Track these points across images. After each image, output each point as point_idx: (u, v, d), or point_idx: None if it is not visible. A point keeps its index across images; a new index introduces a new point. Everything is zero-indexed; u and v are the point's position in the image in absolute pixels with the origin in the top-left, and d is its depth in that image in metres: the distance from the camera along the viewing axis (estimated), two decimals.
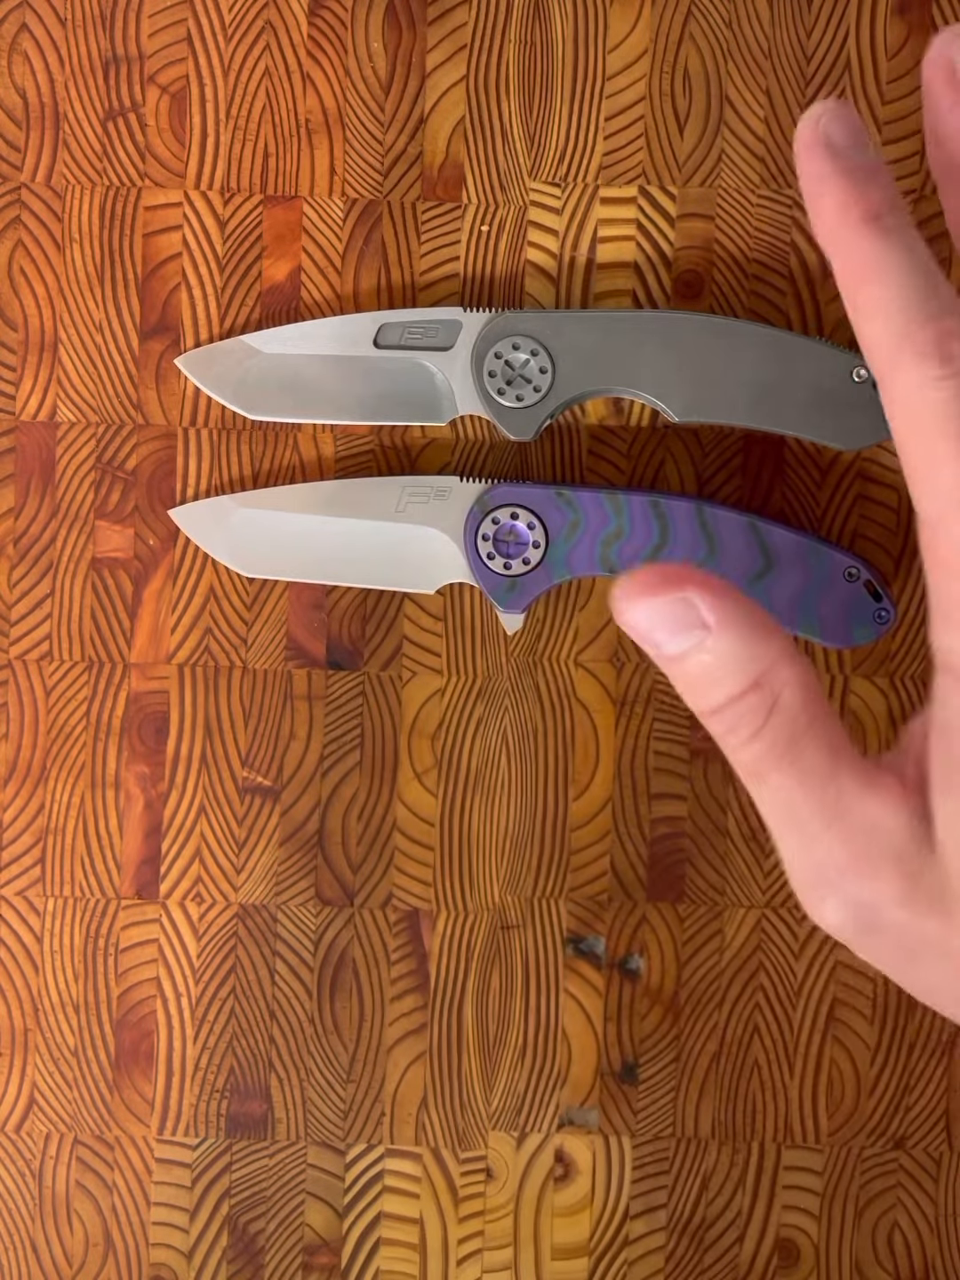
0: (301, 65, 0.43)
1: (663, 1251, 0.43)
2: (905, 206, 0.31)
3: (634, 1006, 0.43)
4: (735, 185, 0.43)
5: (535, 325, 0.41)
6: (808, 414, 0.41)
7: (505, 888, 0.43)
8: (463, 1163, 0.43)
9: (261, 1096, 0.43)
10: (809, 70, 0.42)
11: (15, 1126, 0.43)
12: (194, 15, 0.42)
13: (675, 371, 0.41)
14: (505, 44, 0.42)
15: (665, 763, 0.43)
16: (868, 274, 0.30)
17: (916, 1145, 0.43)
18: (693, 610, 0.30)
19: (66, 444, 0.43)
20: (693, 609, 0.30)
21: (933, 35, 0.42)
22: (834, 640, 0.41)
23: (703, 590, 0.30)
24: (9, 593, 0.43)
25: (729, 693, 0.30)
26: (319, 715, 0.43)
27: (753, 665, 0.30)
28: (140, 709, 0.43)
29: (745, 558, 0.41)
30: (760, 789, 0.30)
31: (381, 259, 0.43)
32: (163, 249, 0.43)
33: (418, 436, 0.43)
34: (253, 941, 0.43)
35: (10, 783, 0.43)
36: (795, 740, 0.30)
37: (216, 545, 0.42)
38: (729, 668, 0.30)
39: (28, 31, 0.43)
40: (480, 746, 0.43)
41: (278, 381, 0.42)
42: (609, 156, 0.42)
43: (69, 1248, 0.43)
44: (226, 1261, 0.43)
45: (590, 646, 0.43)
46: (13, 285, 0.43)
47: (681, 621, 0.30)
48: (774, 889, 0.43)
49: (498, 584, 0.41)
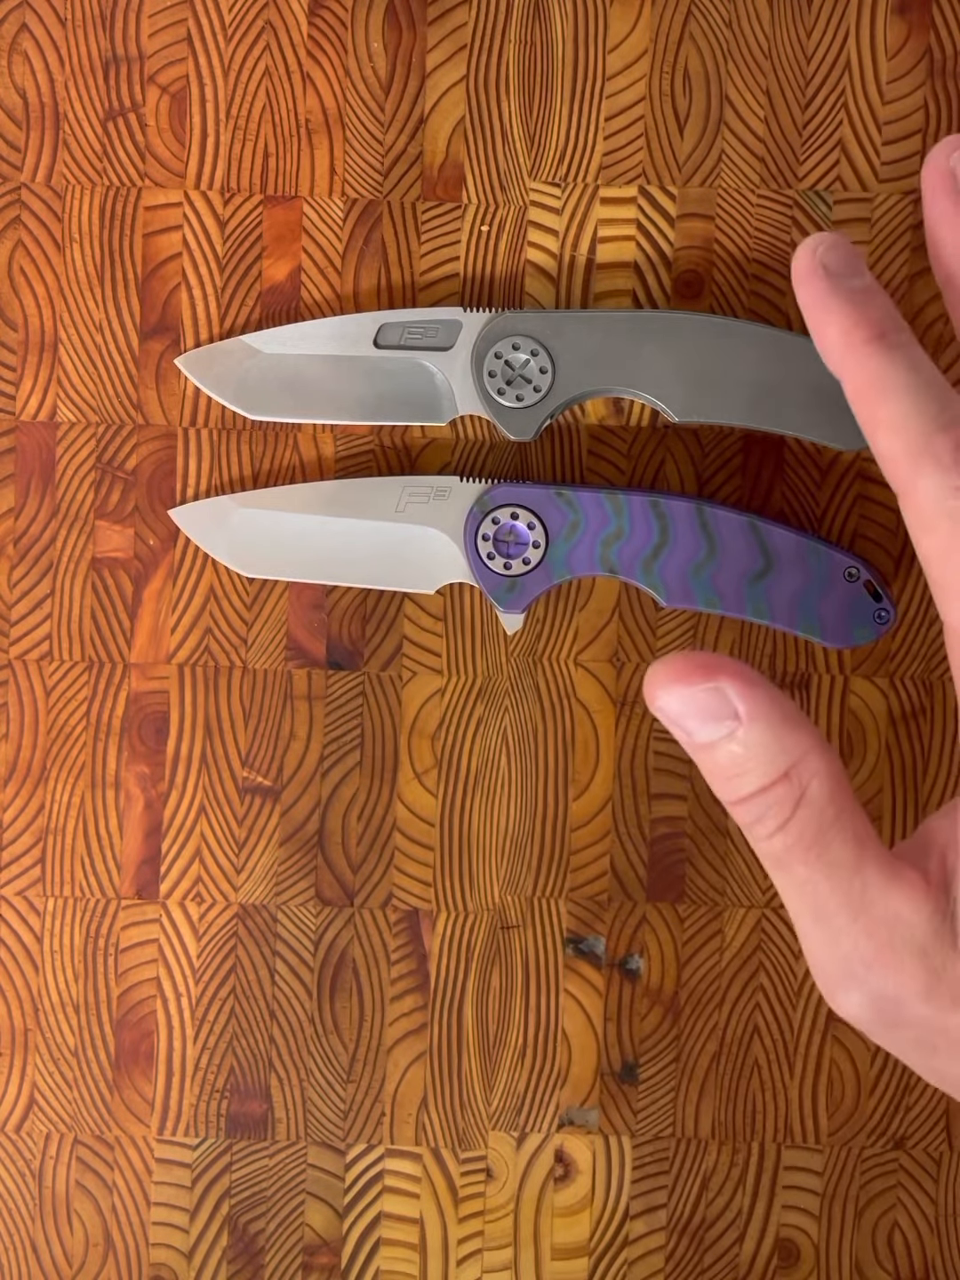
0: (301, 65, 0.43)
1: (663, 1251, 0.43)
2: (906, 324, 0.31)
3: (634, 1006, 0.43)
4: (735, 185, 0.43)
5: (535, 325, 0.41)
6: (808, 414, 0.41)
7: (505, 888, 0.43)
8: (463, 1163, 0.43)
9: (261, 1096, 0.43)
10: (809, 70, 0.42)
11: (15, 1126, 0.43)
12: (194, 15, 0.43)
13: (675, 371, 0.41)
14: (505, 44, 0.42)
15: (665, 763, 0.43)
16: (879, 391, 0.31)
17: (916, 1145, 0.43)
18: (725, 700, 0.30)
19: (66, 444, 0.43)
20: (725, 699, 0.30)
21: (931, 38, 0.42)
22: (834, 640, 0.41)
23: (735, 680, 0.30)
24: (9, 593, 0.43)
25: (758, 784, 0.30)
26: (319, 715, 0.43)
27: (782, 757, 0.30)
28: (140, 709, 0.43)
29: (745, 558, 0.41)
30: (785, 879, 0.31)
31: (381, 259, 0.43)
32: (163, 249, 0.43)
33: (418, 436, 0.43)
34: (253, 941, 0.43)
35: (10, 783, 0.43)
36: (822, 833, 0.30)
37: (216, 545, 0.42)
38: (759, 759, 0.30)
39: (28, 31, 0.43)
40: (480, 746, 0.43)
41: (278, 381, 0.42)
42: (609, 156, 0.43)
43: (69, 1248, 0.43)
44: (226, 1261, 0.43)
45: (590, 646, 0.43)
46: (13, 285, 0.43)
47: (713, 711, 0.30)
48: (774, 889, 0.43)
49: (498, 584, 0.41)
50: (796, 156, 0.43)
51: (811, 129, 0.43)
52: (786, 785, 0.30)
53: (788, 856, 0.30)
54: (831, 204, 0.43)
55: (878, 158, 0.42)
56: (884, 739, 0.43)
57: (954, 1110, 0.43)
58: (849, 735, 0.43)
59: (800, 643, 0.43)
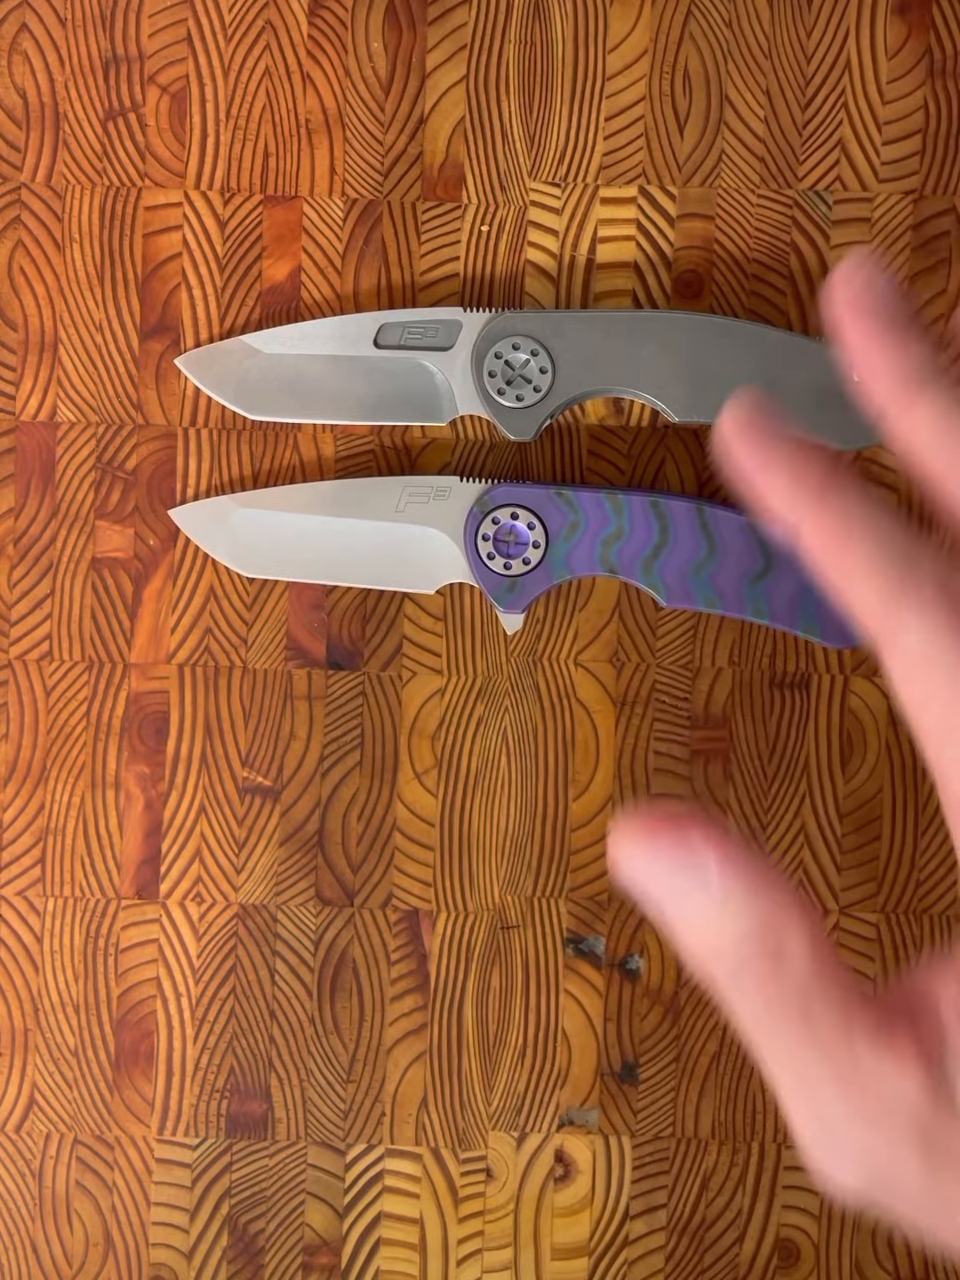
0: (301, 65, 0.43)
1: (663, 1251, 0.43)
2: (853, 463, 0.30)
3: (634, 1006, 0.43)
4: (735, 185, 0.43)
5: (535, 325, 0.41)
6: (808, 414, 0.41)
7: (505, 888, 0.43)
8: (463, 1163, 0.43)
9: (261, 1096, 0.43)
10: (809, 70, 0.42)
11: (15, 1126, 0.43)
12: (194, 15, 0.43)
13: (675, 371, 0.41)
14: (505, 44, 0.42)
15: (665, 763, 0.43)
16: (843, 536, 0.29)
17: None
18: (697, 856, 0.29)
19: (66, 444, 0.43)
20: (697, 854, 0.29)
21: (931, 38, 0.42)
22: (834, 640, 0.41)
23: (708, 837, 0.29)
24: (9, 593, 0.43)
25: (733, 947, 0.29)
26: (319, 715, 0.43)
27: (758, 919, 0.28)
28: (140, 709, 0.43)
29: (745, 558, 0.41)
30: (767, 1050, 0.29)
31: (381, 259, 0.43)
32: (163, 249, 0.43)
33: (418, 436, 0.43)
34: (253, 941, 0.43)
35: (10, 783, 0.43)
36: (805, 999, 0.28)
37: (216, 545, 0.42)
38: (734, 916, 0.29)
39: (28, 31, 0.43)
40: (480, 746, 0.43)
41: (278, 381, 0.42)
42: (609, 156, 0.43)
43: (69, 1248, 0.43)
44: (226, 1261, 0.43)
45: (590, 646, 0.43)
46: (13, 285, 0.43)
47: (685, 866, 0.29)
48: None
49: (498, 584, 0.41)
50: (796, 156, 0.43)
51: (811, 129, 0.43)
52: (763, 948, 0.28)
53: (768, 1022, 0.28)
54: (831, 204, 0.43)
55: (878, 158, 0.42)
56: (884, 739, 0.43)
57: None
58: (849, 735, 0.43)
59: (800, 643, 0.43)
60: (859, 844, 0.43)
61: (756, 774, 0.43)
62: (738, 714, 0.43)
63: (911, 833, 0.43)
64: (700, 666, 0.43)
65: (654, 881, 0.29)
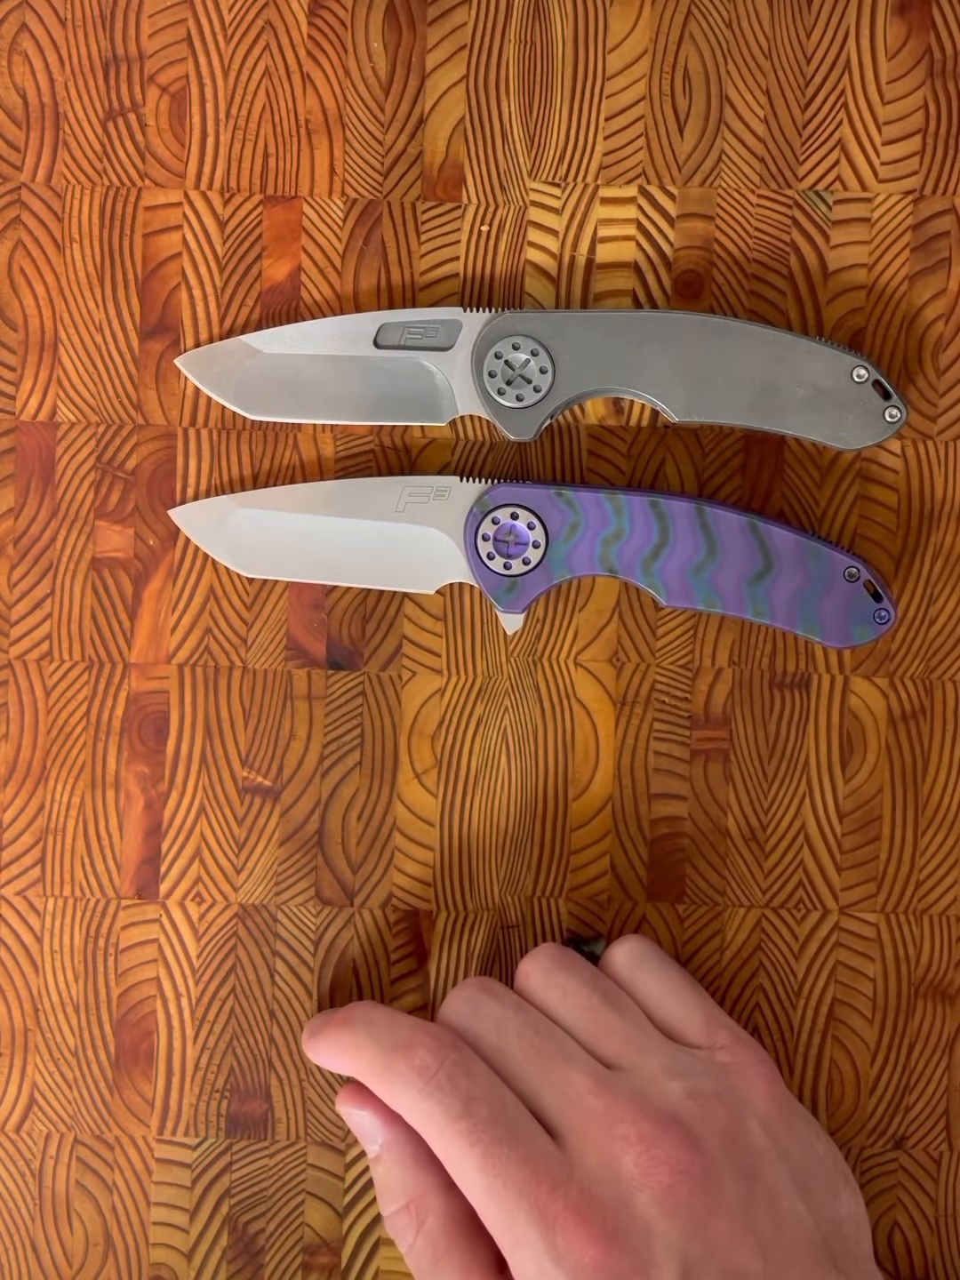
0: (301, 65, 0.43)
1: None
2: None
3: None
4: (735, 185, 0.43)
5: (535, 325, 0.41)
6: (808, 414, 0.41)
7: (505, 888, 0.43)
8: None
9: (261, 1096, 0.43)
10: (809, 70, 0.42)
11: (15, 1126, 0.43)
12: (194, 15, 0.43)
13: (675, 371, 0.41)
14: (505, 44, 0.42)
15: (665, 763, 0.43)
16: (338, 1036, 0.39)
17: (916, 1145, 0.43)
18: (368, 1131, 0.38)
19: (66, 444, 0.43)
20: (368, 1130, 0.38)
21: (931, 38, 0.42)
22: (834, 640, 0.41)
23: (376, 1114, 0.38)
24: (9, 593, 0.43)
25: (391, 1207, 0.38)
26: (319, 715, 0.43)
27: (405, 1191, 0.37)
28: (140, 709, 0.43)
29: (745, 558, 0.41)
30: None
31: (381, 259, 0.43)
32: (163, 249, 0.43)
33: (418, 436, 0.43)
34: (253, 941, 0.43)
35: (10, 783, 0.43)
36: (435, 1261, 0.36)
37: (216, 545, 0.42)
38: (394, 1186, 0.38)
39: (28, 31, 0.43)
40: (480, 746, 0.43)
41: (278, 381, 0.42)
42: (609, 156, 0.43)
43: (69, 1248, 0.43)
44: (226, 1261, 0.43)
45: (590, 646, 0.43)
46: (13, 285, 0.43)
47: (367, 1134, 0.39)
48: (774, 889, 0.43)
49: (498, 584, 0.41)
50: (796, 156, 0.43)
51: (811, 129, 0.43)
52: (408, 1215, 0.37)
53: (416, 1272, 0.37)
54: (831, 204, 0.43)
55: (878, 158, 0.42)
56: (884, 739, 0.43)
57: (954, 1110, 0.43)
58: (849, 735, 0.43)
59: (800, 643, 0.43)
60: (859, 844, 0.43)
61: (756, 774, 0.43)
62: (738, 714, 0.43)
63: (911, 833, 0.43)
64: (700, 666, 0.43)
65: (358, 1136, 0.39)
